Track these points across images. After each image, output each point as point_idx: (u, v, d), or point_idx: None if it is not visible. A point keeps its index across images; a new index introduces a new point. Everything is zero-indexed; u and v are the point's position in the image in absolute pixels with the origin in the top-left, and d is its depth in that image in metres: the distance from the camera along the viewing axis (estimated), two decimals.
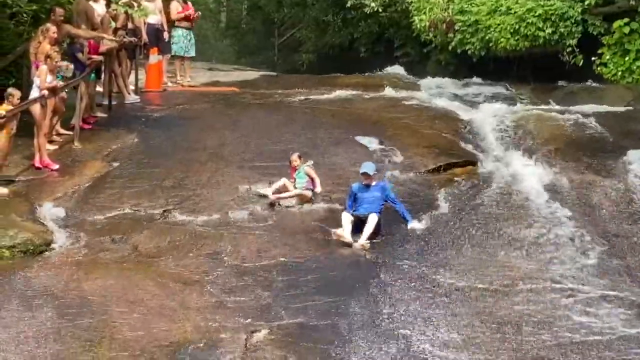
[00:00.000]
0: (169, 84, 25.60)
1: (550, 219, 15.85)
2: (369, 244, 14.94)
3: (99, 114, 20.98)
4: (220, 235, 15.33)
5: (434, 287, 13.71)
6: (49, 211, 15.90)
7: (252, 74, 31.72)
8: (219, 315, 12.85)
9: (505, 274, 14.11)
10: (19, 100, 16.73)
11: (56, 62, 17.96)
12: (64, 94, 18.99)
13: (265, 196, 16.50)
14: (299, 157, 16.80)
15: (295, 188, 16.56)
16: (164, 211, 16.21)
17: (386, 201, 15.55)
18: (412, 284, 13.77)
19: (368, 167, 15.86)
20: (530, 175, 17.41)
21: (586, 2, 25.50)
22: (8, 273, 13.61)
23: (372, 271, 14.16)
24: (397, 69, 30.05)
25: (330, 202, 16.56)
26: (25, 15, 20.67)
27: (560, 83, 26.09)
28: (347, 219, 15.22)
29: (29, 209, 15.88)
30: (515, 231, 15.46)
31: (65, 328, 12.21)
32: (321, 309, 13.02)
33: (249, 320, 12.74)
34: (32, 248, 14.57)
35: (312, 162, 16.93)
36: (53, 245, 14.81)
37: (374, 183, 15.70)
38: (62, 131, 19.51)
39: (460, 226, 15.68)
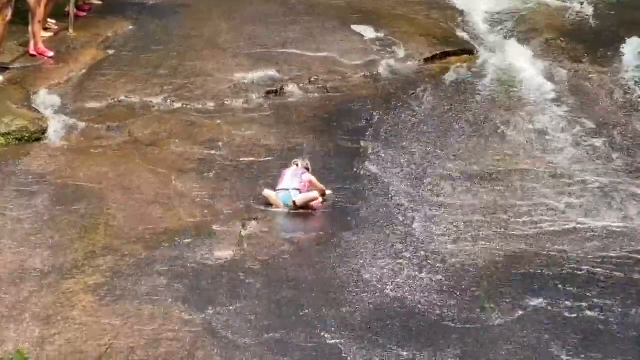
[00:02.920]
0: None
1: (546, 108, 15.84)
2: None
3: (94, 1, 20.67)
4: (215, 124, 15.33)
5: (427, 173, 13.77)
6: (44, 98, 15.85)
7: None
8: (214, 202, 12.94)
9: (500, 162, 14.18)
10: None
11: None
12: None
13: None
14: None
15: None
16: (160, 99, 16.15)
17: None
18: (404, 171, 13.82)
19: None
20: (526, 65, 17.33)
21: None
22: (3, 160, 13.66)
23: (364, 157, 14.18)
24: None
25: (325, 91, 16.48)
26: None
27: None
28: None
29: (24, 96, 15.84)
30: (510, 120, 15.47)
31: (60, 215, 12.32)
32: None
33: (244, 208, 12.84)
34: (27, 135, 14.58)
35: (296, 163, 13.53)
36: (48, 133, 14.81)
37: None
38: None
39: (455, 114, 15.68)
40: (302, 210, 12.84)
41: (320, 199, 13.00)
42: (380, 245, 11.96)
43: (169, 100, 16.11)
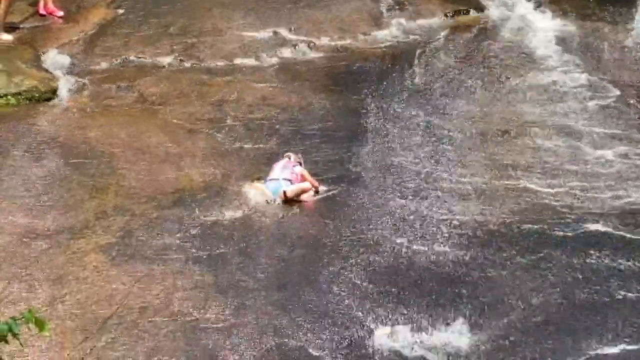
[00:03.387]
0: None
1: (559, 66, 15.71)
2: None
3: None
4: (225, 83, 15.25)
5: (439, 133, 13.71)
6: (54, 58, 15.80)
7: None
8: (224, 162, 12.91)
9: (512, 120, 14.10)
10: None
11: None
12: None
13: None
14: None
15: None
16: (170, 58, 16.08)
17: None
18: (417, 131, 13.76)
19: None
20: (538, 23, 17.14)
21: None
22: (14, 120, 13.66)
23: (375, 118, 14.12)
24: None
25: (336, 50, 16.37)
26: None
27: None
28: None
29: (34, 56, 15.78)
30: (522, 78, 15.35)
31: (71, 175, 12.32)
32: (326, 157, 13.05)
33: (254, 167, 12.80)
34: (37, 95, 14.55)
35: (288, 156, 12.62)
36: (58, 93, 14.76)
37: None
38: None
39: (467, 73, 15.57)
40: (292, 202, 11.99)
41: (312, 192, 12.13)
42: (389, 204, 11.93)
43: (178, 60, 16.03)
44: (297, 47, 16.38)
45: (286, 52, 16.26)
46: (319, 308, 9.88)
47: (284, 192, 11.89)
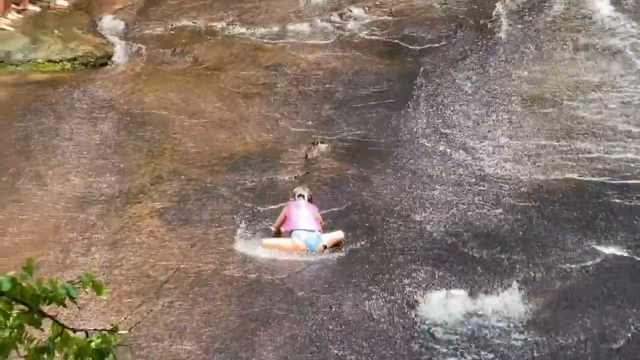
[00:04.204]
0: None
1: (617, 30, 15.39)
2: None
3: None
4: (280, 48, 15.20)
5: (495, 96, 13.54)
6: (109, 24, 15.85)
7: None
8: (279, 127, 12.88)
9: (569, 84, 13.87)
10: None
11: None
12: None
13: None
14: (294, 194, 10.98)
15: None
16: (224, 23, 16.04)
17: None
18: (470, 95, 13.60)
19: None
20: None
21: None
22: (70, 85, 13.73)
23: (429, 81, 13.99)
24: None
25: (390, 15, 16.21)
26: None
27: None
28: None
29: (90, 21, 15.87)
30: (580, 42, 15.08)
31: (126, 140, 12.37)
32: (380, 121, 12.96)
33: (309, 132, 12.76)
34: (92, 61, 14.62)
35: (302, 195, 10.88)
36: (113, 58, 14.82)
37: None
38: None
39: (524, 37, 15.33)
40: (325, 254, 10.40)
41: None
42: (442, 167, 11.82)
43: (233, 25, 15.98)
44: (352, 12, 16.24)
45: (340, 17, 16.13)
46: (374, 270, 9.82)
47: (324, 246, 10.28)
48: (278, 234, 10.53)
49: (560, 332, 9.00)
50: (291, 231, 10.28)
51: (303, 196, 10.75)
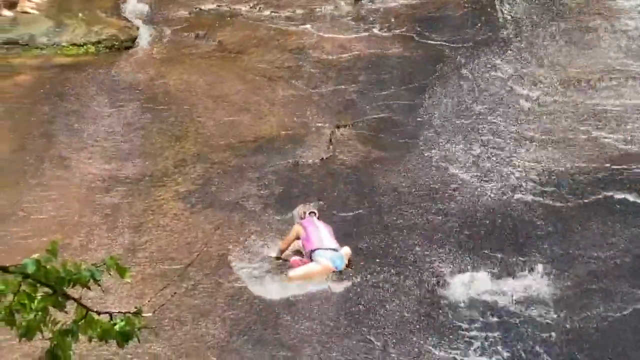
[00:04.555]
0: None
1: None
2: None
3: None
4: (304, 31, 15.13)
5: (521, 80, 13.44)
6: (134, 7, 15.83)
7: None
8: (303, 110, 12.84)
9: (593, 67, 13.75)
10: None
11: None
12: None
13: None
14: (303, 213, 10.41)
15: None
16: (248, 7, 15.99)
17: None
18: (498, 78, 13.51)
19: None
20: None
21: None
22: (94, 69, 13.72)
23: (453, 64, 13.91)
24: None
25: None
26: None
27: None
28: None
29: (114, 4, 15.83)
30: (603, 24, 14.94)
31: (150, 123, 12.36)
32: (405, 104, 12.90)
33: (334, 115, 12.71)
34: (117, 44, 14.60)
35: (313, 213, 10.35)
36: (138, 41, 14.81)
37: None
38: None
39: (552, 20, 15.21)
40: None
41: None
42: (467, 151, 11.76)
43: (257, 8, 15.93)
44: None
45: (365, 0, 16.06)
46: (398, 254, 9.80)
47: (349, 261, 9.82)
48: (282, 252, 9.90)
49: (585, 314, 8.97)
50: (313, 251, 9.57)
51: (314, 213, 10.22)
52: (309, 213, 10.13)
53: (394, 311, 9.05)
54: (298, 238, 9.85)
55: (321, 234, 9.70)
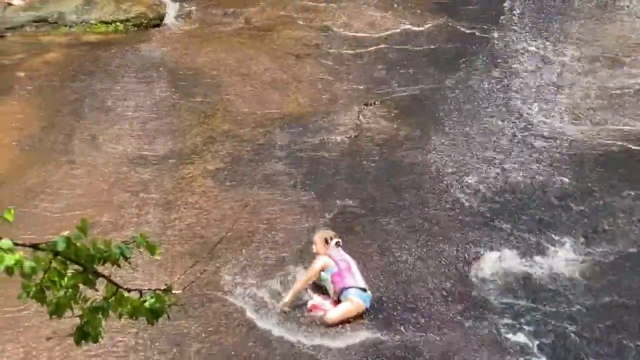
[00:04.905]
0: None
1: None
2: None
3: None
4: (332, 9, 15.08)
5: (547, 57, 13.34)
6: None
7: None
8: (332, 87, 12.81)
9: (621, 45, 13.63)
10: None
11: None
12: None
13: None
14: (325, 239, 9.24)
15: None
16: None
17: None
18: (525, 55, 13.42)
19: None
20: None
21: None
22: (122, 47, 13.76)
23: (483, 41, 13.82)
24: None
25: None
26: None
27: None
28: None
29: None
30: (631, 2, 14.80)
31: (179, 101, 12.38)
32: (433, 82, 12.84)
33: (362, 92, 12.67)
34: (145, 22, 14.63)
35: (339, 243, 9.26)
36: (166, 19, 14.82)
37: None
38: None
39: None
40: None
41: None
42: (494, 126, 11.71)
43: None
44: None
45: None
46: (429, 231, 9.77)
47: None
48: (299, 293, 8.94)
49: (618, 291, 8.92)
50: (346, 289, 8.80)
51: (339, 243, 9.19)
52: (335, 243, 9.15)
53: (421, 286, 9.03)
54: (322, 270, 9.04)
55: (353, 270, 8.94)
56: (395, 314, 8.74)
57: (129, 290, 4.92)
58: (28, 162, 11.13)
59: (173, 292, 5.00)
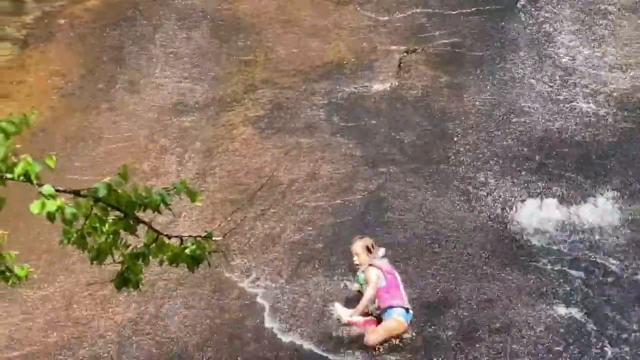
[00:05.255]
0: None
1: None
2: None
3: None
4: None
5: (594, 6, 13.10)
6: None
7: None
8: (373, 35, 12.67)
9: None
10: None
11: None
12: None
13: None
14: (367, 248, 8.42)
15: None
16: None
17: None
18: (572, 2, 13.20)
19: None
20: None
21: None
22: None
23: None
24: None
25: None
26: None
27: None
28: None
29: None
30: None
31: (219, 48, 12.33)
32: (475, 29, 12.65)
33: (403, 40, 12.54)
34: None
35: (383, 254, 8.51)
36: None
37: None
38: None
39: None
40: None
41: None
42: (536, 75, 11.54)
43: None
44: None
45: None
46: (468, 177, 9.71)
47: None
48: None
49: None
50: (392, 307, 8.23)
51: (384, 254, 8.48)
52: (377, 249, 8.41)
53: (460, 235, 9.00)
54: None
55: (399, 288, 8.31)
56: (434, 259, 8.72)
57: (169, 237, 4.94)
58: (69, 109, 11.19)
59: (213, 239, 5.01)
